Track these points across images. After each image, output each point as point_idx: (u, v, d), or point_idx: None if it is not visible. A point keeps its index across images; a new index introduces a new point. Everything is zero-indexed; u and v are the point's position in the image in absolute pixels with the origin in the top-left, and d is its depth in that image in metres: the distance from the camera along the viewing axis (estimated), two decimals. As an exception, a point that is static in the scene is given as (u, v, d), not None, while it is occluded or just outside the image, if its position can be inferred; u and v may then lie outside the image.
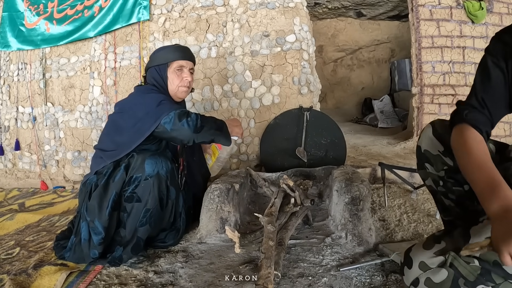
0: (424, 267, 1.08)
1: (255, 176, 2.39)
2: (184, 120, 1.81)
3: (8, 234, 2.25)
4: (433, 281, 1.05)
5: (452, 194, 1.22)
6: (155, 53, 2.08)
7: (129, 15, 3.24)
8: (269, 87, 2.97)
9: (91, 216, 1.71)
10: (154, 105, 1.86)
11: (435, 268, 1.05)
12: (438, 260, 1.06)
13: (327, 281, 1.43)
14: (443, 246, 1.07)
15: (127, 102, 1.99)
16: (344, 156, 2.78)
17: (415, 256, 1.11)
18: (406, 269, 1.13)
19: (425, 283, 1.06)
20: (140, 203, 1.69)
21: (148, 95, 1.94)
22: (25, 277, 1.56)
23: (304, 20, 3.03)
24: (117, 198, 1.73)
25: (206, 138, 1.92)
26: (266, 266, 1.29)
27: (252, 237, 1.89)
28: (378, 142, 4.17)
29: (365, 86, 7.40)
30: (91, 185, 1.79)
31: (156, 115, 1.83)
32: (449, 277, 1.02)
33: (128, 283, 1.52)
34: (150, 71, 2.05)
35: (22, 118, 3.71)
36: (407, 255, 1.14)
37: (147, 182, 1.69)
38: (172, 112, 1.82)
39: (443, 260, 1.05)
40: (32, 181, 3.69)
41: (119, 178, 1.74)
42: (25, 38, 3.61)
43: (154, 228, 1.77)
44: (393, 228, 1.95)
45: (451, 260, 1.03)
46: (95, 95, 3.41)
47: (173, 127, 1.81)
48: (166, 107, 1.86)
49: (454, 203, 1.24)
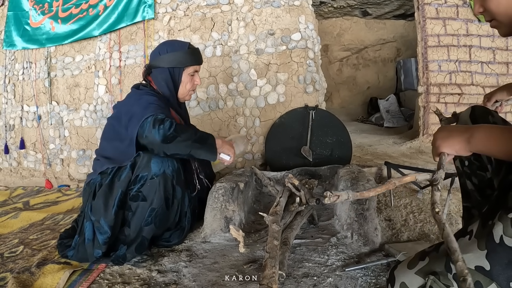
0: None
1: (260, 175, 2.38)
2: (157, 128, 1.64)
3: (12, 232, 2.25)
4: None
5: (475, 178, 1.21)
6: (165, 52, 1.94)
7: (134, 13, 3.24)
8: (274, 85, 2.96)
9: (97, 216, 1.69)
10: (141, 109, 1.75)
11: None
12: (419, 282, 1.03)
13: (332, 281, 1.41)
14: (425, 264, 1.04)
15: (123, 106, 1.90)
16: (349, 156, 2.76)
17: (398, 276, 1.10)
18: (389, 286, 1.12)
19: None
20: (145, 202, 1.67)
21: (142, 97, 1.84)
22: (28, 275, 1.55)
23: (310, 18, 3.01)
24: (123, 197, 1.71)
25: (179, 150, 1.71)
26: (271, 265, 1.27)
27: (257, 236, 1.88)
28: (384, 141, 4.14)
29: (370, 85, 7.36)
30: (95, 185, 1.77)
31: (138, 118, 1.71)
32: None
33: (132, 282, 1.51)
34: (160, 71, 1.94)
35: (27, 117, 3.72)
36: (392, 273, 1.13)
37: (153, 181, 1.68)
38: (149, 118, 1.68)
39: (423, 283, 1.02)
40: (37, 180, 3.70)
41: (125, 176, 1.72)
42: (30, 37, 3.62)
43: (159, 227, 1.76)
44: (399, 228, 1.93)
45: (430, 284, 1.00)
46: (100, 93, 3.41)
47: (147, 133, 1.67)
48: (149, 110, 1.73)
49: (475, 188, 1.23)
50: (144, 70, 1.98)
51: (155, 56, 1.97)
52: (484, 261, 0.88)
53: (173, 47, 1.97)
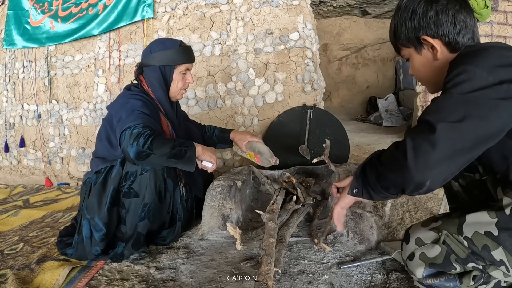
0: (420, 242, 1.16)
1: (257, 173, 2.40)
2: (131, 144, 1.58)
3: (12, 229, 2.27)
4: (427, 255, 1.13)
5: (462, 180, 1.24)
6: (156, 50, 1.92)
7: (133, 13, 3.25)
8: (272, 85, 2.97)
9: (91, 214, 1.72)
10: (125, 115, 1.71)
11: (429, 244, 1.13)
12: (433, 236, 1.14)
13: (328, 278, 1.43)
14: (439, 224, 1.14)
15: (112, 108, 1.87)
16: (347, 154, 2.78)
17: (412, 233, 1.20)
18: (404, 244, 1.22)
19: (419, 257, 1.15)
20: (137, 198, 1.69)
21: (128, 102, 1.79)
22: (28, 272, 1.57)
23: (308, 18, 3.02)
24: (115, 194, 1.73)
25: (153, 165, 1.71)
26: (266, 262, 1.29)
27: (254, 234, 1.89)
28: (383, 140, 4.16)
29: (370, 84, 7.37)
30: (90, 184, 1.80)
31: (120, 126, 1.68)
32: (442, 253, 1.09)
33: (130, 278, 1.53)
34: (151, 69, 1.92)
35: (27, 116, 3.73)
36: (407, 232, 1.24)
37: (143, 176, 1.70)
38: (127, 129, 1.63)
39: (437, 237, 1.12)
40: (36, 178, 3.72)
41: (115, 173, 1.74)
42: (30, 36, 3.64)
43: (154, 222, 1.77)
44: (395, 226, 1.95)
45: (444, 238, 1.10)
46: (99, 92, 3.42)
47: (124, 146, 1.62)
48: (130, 119, 1.68)
49: (463, 189, 1.25)
50: (136, 69, 1.95)
51: (147, 55, 1.94)
52: (493, 228, 1.01)
53: (164, 45, 1.94)
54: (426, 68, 1.19)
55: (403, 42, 1.20)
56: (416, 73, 1.25)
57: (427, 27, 1.12)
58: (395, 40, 1.24)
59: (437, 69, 1.15)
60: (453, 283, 1.13)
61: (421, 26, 1.13)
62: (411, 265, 1.18)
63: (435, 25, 1.11)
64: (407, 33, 1.17)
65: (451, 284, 1.13)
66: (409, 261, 1.18)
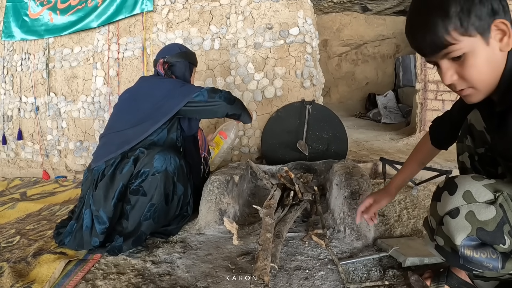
0: (469, 198, 0.91)
1: (255, 168, 2.39)
2: (218, 95, 2.02)
3: (9, 222, 2.27)
4: (476, 217, 0.89)
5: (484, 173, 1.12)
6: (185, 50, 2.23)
7: (132, 5, 3.23)
8: (271, 79, 2.97)
9: (97, 206, 1.73)
10: (178, 86, 2.03)
11: (482, 203, 0.90)
12: (488, 195, 0.91)
13: (324, 274, 1.43)
14: (493, 182, 0.93)
15: (142, 87, 2.08)
16: (345, 150, 2.77)
17: (462, 183, 0.94)
18: (445, 194, 0.96)
19: (465, 217, 0.90)
20: (145, 197, 1.71)
21: (167, 80, 2.09)
22: (24, 265, 1.57)
23: (308, 13, 3.01)
24: (123, 190, 1.76)
25: (236, 111, 2.12)
26: (263, 258, 1.29)
27: (250, 229, 1.89)
28: (381, 137, 4.15)
29: (369, 81, 7.36)
30: (98, 173, 1.81)
31: (183, 93, 1.98)
32: (495, 219, 0.88)
33: (126, 272, 1.52)
34: (184, 64, 2.20)
35: (25, 108, 3.72)
36: (451, 180, 0.97)
37: (155, 177, 1.72)
38: (204, 89, 2.02)
39: (493, 198, 0.90)
40: (34, 171, 3.71)
41: (127, 170, 1.76)
42: (28, 28, 3.62)
43: (158, 223, 1.79)
44: (392, 223, 1.94)
45: (501, 201, 0.89)
46: (98, 85, 3.41)
47: (209, 99, 2.00)
48: (193, 86, 2.07)
49: None
50: (163, 62, 2.14)
51: (174, 51, 2.19)
52: None
53: (186, 48, 2.28)
54: (490, 64, 0.88)
55: (467, 30, 0.84)
56: (475, 75, 0.89)
57: (504, 9, 0.85)
58: (444, 32, 0.85)
59: (500, 64, 0.89)
60: (494, 264, 0.89)
61: (499, 7, 0.85)
62: (451, 224, 0.92)
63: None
64: (481, 16, 0.83)
65: (491, 264, 0.89)
66: (449, 218, 0.92)
